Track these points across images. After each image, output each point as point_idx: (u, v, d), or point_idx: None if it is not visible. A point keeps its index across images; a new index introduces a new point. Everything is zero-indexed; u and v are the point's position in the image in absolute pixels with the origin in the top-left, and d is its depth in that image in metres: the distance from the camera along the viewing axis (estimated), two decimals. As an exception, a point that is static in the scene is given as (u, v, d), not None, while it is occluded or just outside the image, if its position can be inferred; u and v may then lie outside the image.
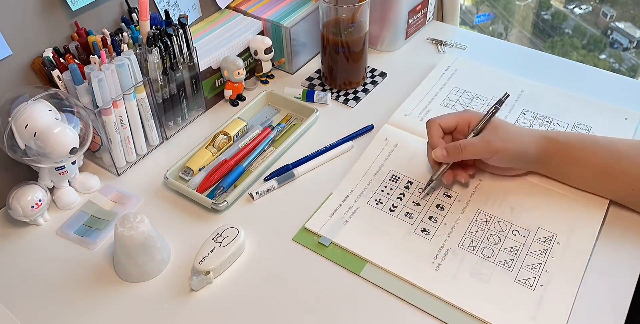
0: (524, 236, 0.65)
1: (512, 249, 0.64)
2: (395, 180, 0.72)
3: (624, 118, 0.79)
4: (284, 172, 0.74)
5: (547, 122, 0.79)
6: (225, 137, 0.77)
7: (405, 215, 0.68)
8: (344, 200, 0.70)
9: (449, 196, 0.70)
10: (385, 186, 0.71)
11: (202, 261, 0.61)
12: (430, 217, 0.68)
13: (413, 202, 0.70)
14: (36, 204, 0.66)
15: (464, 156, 0.65)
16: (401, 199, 0.70)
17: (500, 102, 0.68)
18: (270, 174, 0.74)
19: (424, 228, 0.66)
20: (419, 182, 0.72)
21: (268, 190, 0.72)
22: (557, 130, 0.77)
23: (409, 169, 0.73)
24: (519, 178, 0.70)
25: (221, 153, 0.77)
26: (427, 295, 0.60)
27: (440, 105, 0.83)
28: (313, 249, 0.65)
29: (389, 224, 0.67)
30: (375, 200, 0.70)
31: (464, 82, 0.87)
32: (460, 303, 0.59)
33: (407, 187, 0.71)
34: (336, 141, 0.78)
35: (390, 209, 0.69)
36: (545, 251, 0.63)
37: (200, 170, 0.74)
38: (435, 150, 0.66)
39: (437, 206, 0.69)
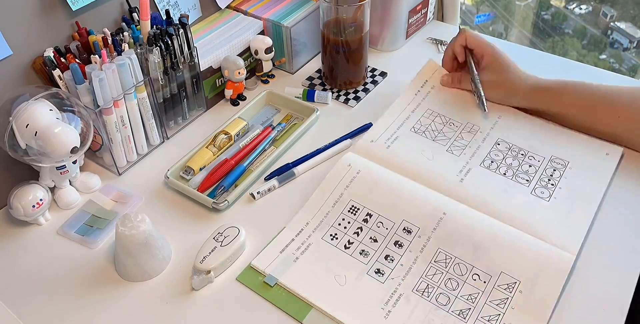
0: (485, 282, 0.60)
1: (469, 297, 0.59)
2: (354, 212, 0.67)
3: (605, 153, 0.73)
4: (284, 172, 0.74)
5: (522, 155, 0.73)
6: (226, 136, 0.77)
7: (361, 253, 0.63)
8: (298, 234, 0.65)
9: (409, 232, 0.64)
10: (343, 219, 0.66)
11: (203, 261, 0.61)
12: (386, 256, 0.63)
13: (370, 238, 0.64)
14: (37, 203, 0.66)
15: (468, 42, 0.78)
16: (358, 234, 0.65)
17: None
18: (270, 173, 0.74)
19: (378, 269, 0.62)
20: (379, 215, 0.66)
21: (269, 189, 0.72)
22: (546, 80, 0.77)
23: (370, 200, 0.67)
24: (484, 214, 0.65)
25: (222, 153, 0.77)
26: None
27: (410, 130, 0.76)
28: (256, 290, 0.61)
29: (342, 264, 0.62)
30: (331, 235, 0.65)
31: (439, 105, 0.80)
32: None
33: (365, 221, 0.66)
34: (335, 139, 0.78)
35: (345, 245, 0.64)
36: (505, 300, 0.58)
37: (200, 169, 0.74)
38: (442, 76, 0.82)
39: (396, 243, 0.64)
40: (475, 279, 0.60)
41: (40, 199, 0.67)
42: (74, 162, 0.70)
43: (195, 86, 0.80)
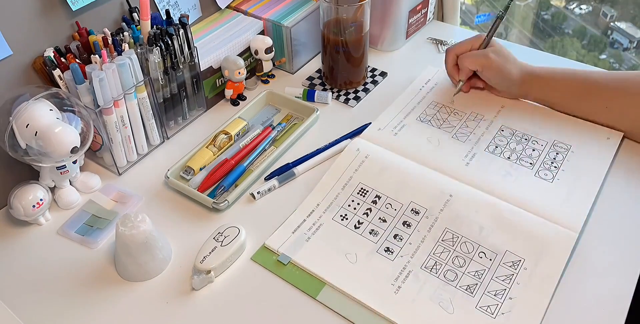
0: (490, 260, 0.62)
1: (476, 273, 0.61)
2: (363, 194, 0.69)
3: (606, 137, 0.75)
4: (284, 172, 0.74)
5: (526, 139, 0.76)
6: (226, 136, 0.77)
7: (370, 233, 0.66)
8: (309, 215, 0.68)
9: (416, 213, 0.67)
10: (353, 200, 0.69)
11: (203, 260, 0.61)
12: (395, 236, 0.65)
13: (379, 218, 0.67)
14: (37, 203, 0.66)
15: (465, 64, 0.79)
16: (367, 215, 0.67)
17: (505, 8, 0.77)
18: (270, 173, 0.74)
19: (387, 247, 0.64)
20: (387, 197, 0.69)
21: (269, 189, 0.72)
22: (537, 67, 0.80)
23: (378, 183, 0.70)
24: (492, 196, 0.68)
25: (222, 152, 0.77)
26: (384, 321, 0.58)
27: (417, 120, 0.80)
28: (270, 269, 0.63)
29: (353, 243, 0.65)
30: (341, 216, 0.67)
31: (443, 97, 0.84)
32: None
33: (374, 202, 0.68)
34: (335, 139, 0.78)
35: (355, 225, 0.66)
36: (510, 277, 0.61)
37: (201, 169, 0.74)
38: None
39: (404, 223, 0.66)
40: (481, 257, 0.63)
41: (41, 199, 0.67)
42: (74, 162, 0.70)
43: (195, 85, 0.80)
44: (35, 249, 0.67)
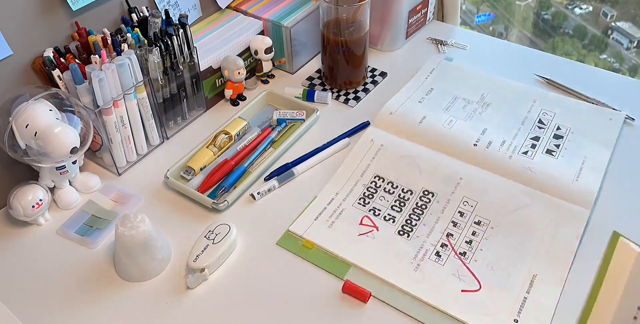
0: (506, 237, 0.65)
1: (493, 249, 0.64)
2: (379, 182, 0.72)
3: (609, 119, 0.79)
4: (283, 172, 0.74)
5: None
6: (227, 136, 0.77)
7: (387, 217, 0.68)
8: (329, 203, 0.70)
9: (429, 198, 0.70)
10: (369, 188, 0.72)
11: (196, 259, 0.61)
12: (411, 219, 0.68)
13: (395, 203, 0.70)
14: (37, 203, 0.66)
15: None
16: (383, 201, 0.70)
17: None
18: (270, 173, 0.74)
19: (404, 229, 0.67)
20: (401, 185, 0.72)
21: (269, 190, 0.72)
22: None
23: (393, 171, 0.73)
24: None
25: (222, 152, 0.77)
26: (408, 296, 0.60)
27: (427, 103, 0.83)
28: (297, 253, 0.65)
29: (373, 227, 0.67)
30: (359, 203, 0.70)
31: (449, 85, 0.86)
32: (440, 304, 0.59)
33: (389, 190, 0.71)
34: (333, 139, 0.78)
35: (374, 212, 0.69)
36: (524, 252, 0.64)
37: (201, 169, 0.74)
38: None
39: (419, 206, 0.69)
40: (496, 236, 0.66)
41: (40, 200, 0.67)
42: (74, 163, 0.70)
43: (195, 86, 0.80)
44: (34, 249, 0.67)
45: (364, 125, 0.80)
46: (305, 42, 0.91)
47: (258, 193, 0.71)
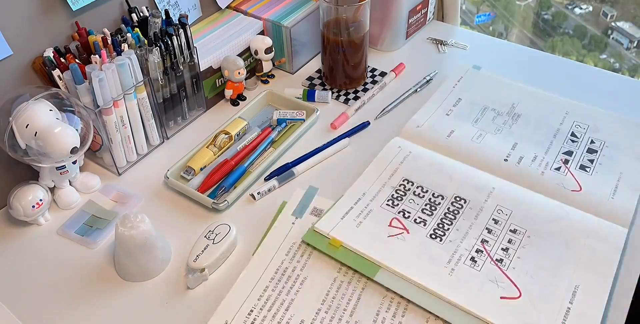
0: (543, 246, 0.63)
1: (527, 257, 0.62)
2: (408, 186, 0.70)
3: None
4: (283, 172, 0.74)
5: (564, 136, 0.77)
6: (227, 136, 0.77)
7: (417, 220, 0.66)
8: (356, 203, 0.68)
9: (461, 204, 0.68)
10: (398, 191, 0.70)
11: (196, 259, 0.61)
12: (442, 223, 0.66)
13: (426, 207, 0.68)
14: (37, 203, 0.66)
15: None
16: (413, 203, 0.68)
17: None
18: (270, 173, 0.74)
19: (436, 233, 0.65)
20: (432, 190, 0.70)
21: (269, 190, 0.72)
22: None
23: (423, 177, 0.71)
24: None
25: (222, 152, 0.77)
26: (441, 300, 0.59)
27: (455, 116, 0.80)
28: (324, 250, 0.64)
29: (403, 229, 0.65)
30: (387, 204, 0.68)
31: (477, 95, 0.84)
32: (479, 311, 0.57)
33: (419, 194, 0.69)
34: (333, 139, 0.78)
35: (404, 215, 0.67)
36: (562, 262, 0.61)
37: (201, 169, 0.74)
38: None
39: (451, 211, 0.67)
40: (533, 245, 0.64)
41: (40, 199, 0.67)
42: (74, 163, 0.70)
43: (195, 86, 0.80)
44: (34, 249, 0.67)
45: (363, 125, 0.80)
46: (305, 42, 0.91)
47: (258, 193, 0.71)
